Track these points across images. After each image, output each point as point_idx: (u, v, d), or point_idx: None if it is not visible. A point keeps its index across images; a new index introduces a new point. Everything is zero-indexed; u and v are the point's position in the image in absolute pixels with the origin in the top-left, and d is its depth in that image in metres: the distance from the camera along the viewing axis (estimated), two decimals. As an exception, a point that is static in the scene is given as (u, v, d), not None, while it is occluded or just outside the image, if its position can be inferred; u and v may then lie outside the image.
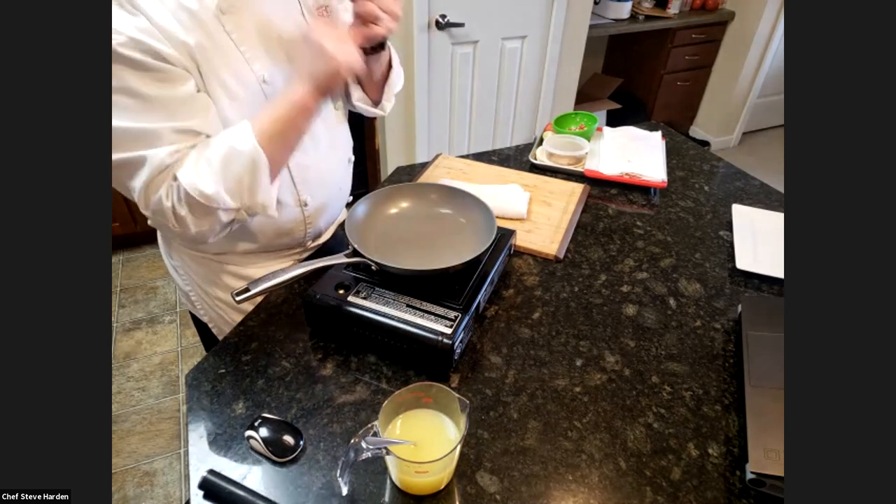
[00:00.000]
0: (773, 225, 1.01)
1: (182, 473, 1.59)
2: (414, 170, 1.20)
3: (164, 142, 0.65)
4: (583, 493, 0.60)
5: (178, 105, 0.66)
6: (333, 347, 0.76)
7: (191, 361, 1.93)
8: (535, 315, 0.83)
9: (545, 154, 1.24)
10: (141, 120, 0.63)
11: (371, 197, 0.85)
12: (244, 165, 0.68)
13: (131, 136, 0.64)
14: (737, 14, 2.95)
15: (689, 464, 0.63)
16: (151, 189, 0.67)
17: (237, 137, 0.68)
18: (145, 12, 0.62)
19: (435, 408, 0.61)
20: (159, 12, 0.63)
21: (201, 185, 0.66)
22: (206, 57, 0.68)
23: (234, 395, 0.70)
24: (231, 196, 0.69)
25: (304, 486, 0.60)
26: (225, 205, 0.69)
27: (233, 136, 0.69)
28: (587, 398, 0.70)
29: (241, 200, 0.70)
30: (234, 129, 0.69)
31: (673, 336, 0.80)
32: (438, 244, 0.82)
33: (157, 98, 0.63)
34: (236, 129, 0.69)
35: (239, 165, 0.68)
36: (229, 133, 0.69)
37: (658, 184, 1.12)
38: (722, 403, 0.70)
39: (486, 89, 2.32)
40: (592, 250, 0.97)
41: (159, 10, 0.63)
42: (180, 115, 0.66)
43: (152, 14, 0.63)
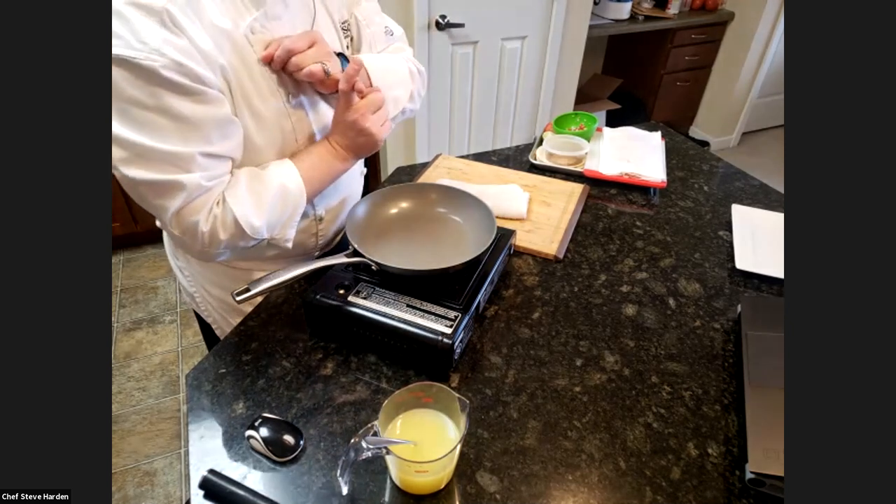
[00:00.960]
0: (773, 225, 1.01)
1: (182, 473, 1.59)
2: (414, 170, 1.20)
3: (196, 167, 0.65)
4: (583, 492, 0.60)
5: (213, 128, 0.65)
6: (333, 347, 0.76)
7: (191, 361, 1.93)
8: (534, 315, 0.83)
9: (545, 154, 1.24)
10: (175, 142, 0.63)
11: (371, 197, 0.85)
12: (291, 205, 0.75)
13: (165, 157, 0.63)
14: (737, 14, 2.95)
15: (688, 464, 0.63)
16: (187, 213, 0.67)
17: (287, 177, 0.74)
18: (188, 34, 0.60)
19: (435, 408, 0.61)
20: (199, 34, 0.62)
21: (252, 219, 0.71)
22: (237, 77, 0.68)
23: (234, 395, 0.70)
24: (268, 229, 0.74)
25: (305, 486, 0.60)
26: (261, 235, 0.73)
27: (283, 175, 0.74)
28: (587, 398, 0.70)
29: (272, 233, 0.75)
30: (283, 169, 0.75)
31: (673, 336, 0.80)
32: (438, 244, 0.82)
33: (193, 119, 0.63)
34: (284, 168, 0.75)
35: (287, 204, 0.74)
36: (278, 171, 0.74)
37: (658, 184, 1.12)
38: (722, 403, 0.70)
39: (486, 89, 2.32)
40: (592, 250, 0.97)
41: (198, 32, 0.62)
42: (214, 139, 0.66)
43: (194, 35, 0.61)
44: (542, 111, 2.50)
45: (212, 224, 0.69)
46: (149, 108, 0.60)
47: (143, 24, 0.57)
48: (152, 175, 0.63)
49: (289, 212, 0.75)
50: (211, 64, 0.64)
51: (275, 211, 0.73)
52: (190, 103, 0.62)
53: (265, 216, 0.72)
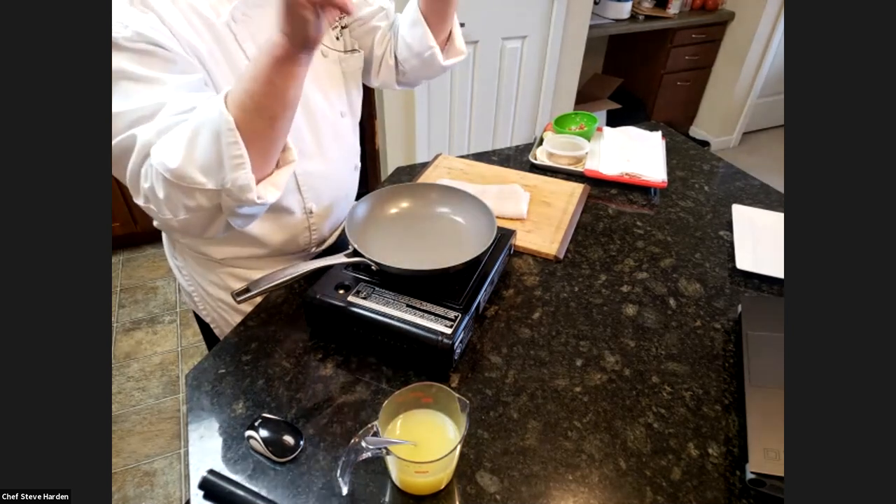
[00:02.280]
0: (773, 225, 1.01)
1: (182, 473, 1.59)
2: (414, 170, 1.20)
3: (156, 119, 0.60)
4: (583, 493, 0.60)
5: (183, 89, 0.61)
6: (333, 347, 0.76)
7: (191, 361, 1.93)
8: (535, 315, 0.83)
9: (545, 154, 1.24)
10: (141, 100, 0.59)
11: (371, 197, 0.85)
12: (210, 134, 0.57)
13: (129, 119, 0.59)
14: (737, 14, 2.95)
15: (689, 464, 0.63)
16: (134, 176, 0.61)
17: (207, 107, 0.58)
18: (157, 12, 0.62)
19: (435, 408, 0.61)
20: (171, 13, 0.63)
21: (167, 160, 0.57)
22: (216, 65, 0.68)
23: (234, 395, 0.70)
24: (203, 173, 0.59)
25: (304, 486, 0.60)
26: (199, 184, 0.59)
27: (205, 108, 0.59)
28: (587, 398, 0.70)
29: (216, 179, 0.59)
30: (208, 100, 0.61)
31: (673, 336, 0.80)
32: (438, 244, 0.82)
33: (161, 79, 0.60)
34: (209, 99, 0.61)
35: (205, 136, 0.57)
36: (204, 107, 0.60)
37: (658, 184, 1.12)
38: (722, 403, 0.70)
39: (486, 89, 2.32)
40: (592, 250, 0.97)
41: (171, 11, 0.63)
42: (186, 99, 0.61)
43: (164, 14, 0.62)
44: (543, 111, 2.50)
45: (151, 180, 0.60)
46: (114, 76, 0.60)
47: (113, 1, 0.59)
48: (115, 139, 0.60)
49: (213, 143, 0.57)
50: (181, 42, 0.64)
51: (197, 148, 0.58)
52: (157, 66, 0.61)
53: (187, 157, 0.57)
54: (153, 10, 0.62)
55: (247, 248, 0.88)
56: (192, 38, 0.64)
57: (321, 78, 0.83)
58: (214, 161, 0.58)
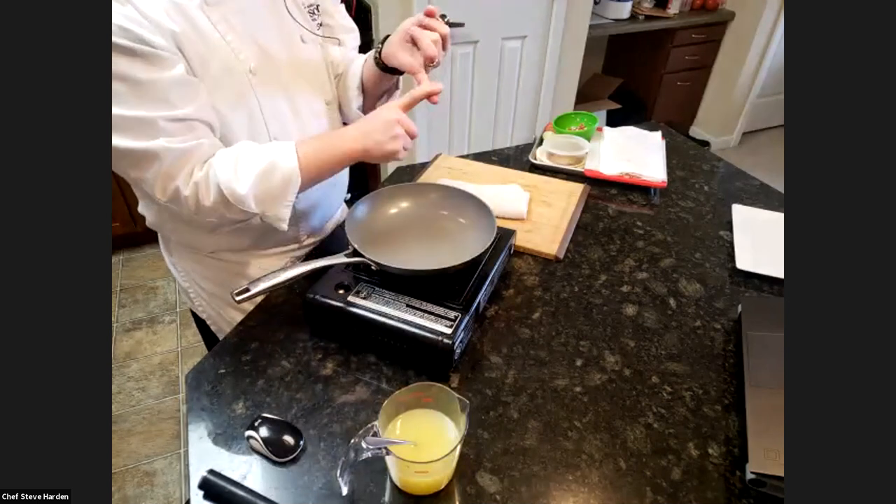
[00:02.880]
0: (773, 225, 1.01)
1: (182, 473, 1.59)
2: (414, 170, 1.20)
3: (161, 133, 0.66)
4: (583, 493, 0.60)
5: (170, 88, 0.66)
6: (333, 347, 0.76)
7: (191, 361, 1.93)
8: (535, 315, 0.83)
9: (545, 154, 1.24)
10: (134, 107, 0.64)
11: (371, 197, 0.85)
12: (280, 181, 0.71)
13: (130, 124, 0.64)
14: (737, 14, 2.95)
15: (689, 464, 0.63)
16: (165, 179, 0.69)
17: (281, 153, 0.72)
18: (133, 2, 0.63)
19: (435, 408, 0.61)
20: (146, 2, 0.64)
21: (236, 187, 0.69)
22: (192, 46, 0.69)
23: (234, 395, 0.70)
24: (256, 203, 0.72)
25: (304, 486, 0.60)
26: (248, 208, 0.72)
27: (278, 151, 0.72)
28: (587, 398, 0.70)
29: (263, 209, 0.73)
30: (281, 146, 0.73)
31: (673, 336, 0.80)
32: (438, 244, 0.82)
33: (148, 82, 0.64)
34: (283, 146, 0.73)
35: (276, 180, 0.71)
36: (275, 148, 0.73)
37: (658, 184, 1.12)
38: (722, 403, 0.70)
39: (486, 89, 2.32)
40: (592, 250, 0.97)
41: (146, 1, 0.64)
42: (174, 101, 0.66)
43: (139, 4, 0.63)
44: (543, 111, 2.50)
45: (193, 189, 0.70)
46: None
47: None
48: (125, 143, 0.64)
49: (279, 189, 0.72)
50: (161, 30, 0.65)
51: (262, 184, 0.71)
52: (142, 68, 0.63)
53: (250, 188, 0.70)
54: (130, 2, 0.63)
55: (235, 238, 0.88)
56: (165, 21, 0.66)
57: (304, 66, 0.84)
58: (270, 199, 0.72)
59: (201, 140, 0.70)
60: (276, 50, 0.78)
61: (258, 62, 0.76)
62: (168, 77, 0.65)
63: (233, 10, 0.72)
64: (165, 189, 0.70)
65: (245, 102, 0.76)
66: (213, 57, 0.71)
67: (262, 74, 0.76)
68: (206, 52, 0.70)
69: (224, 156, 0.71)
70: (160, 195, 0.70)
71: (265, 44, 0.77)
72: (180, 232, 0.91)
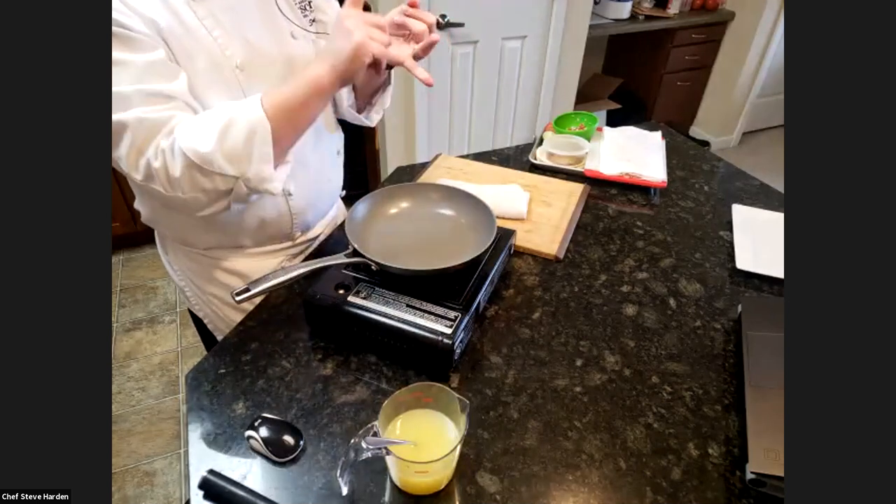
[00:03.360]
0: (773, 225, 1.01)
1: (182, 473, 1.59)
2: (414, 170, 1.20)
3: (135, 105, 0.64)
4: (583, 493, 0.60)
5: (146, 68, 0.65)
6: (333, 347, 0.76)
7: (191, 361, 1.93)
8: (535, 315, 0.83)
9: (545, 154, 1.24)
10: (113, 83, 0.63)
11: (371, 197, 0.85)
12: (244, 131, 0.66)
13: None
14: (737, 14, 2.95)
15: (689, 464, 0.63)
16: (136, 152, 0.66)
17: (243, 105, 0.67)
18: None
19: (435, 408, 0.61)
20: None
21: (198, 145, 0.64)
22: (178, 41, 0.69)
23: (234, 395, 0.70)
24: (229, 161, 0.66)
25: (304, 486, 0.60)
26: (221, 170, 0.66)
27: (240, 104, 0.68)
28: (587, 398, 0.70)
29: (239, 168, 0.67)
30: (244, 100, 0.68)
31: (673, 336, 0.80)
32: (438, 244, 0.82)
33: (123, 61, 0.63)
34: (246, 99, 0.68)
35: (239, 131, 0.66)
36: (238, 102, 0.68)
37: (658, 184, 1.12)
38: (722, 403, 0.70)
39: (486, 89, 2.32)
40: (592, 250, 0.97)
41: None
42: (149, 78, 0.65)
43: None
44: (543, 111, 2.50)
45: (161, 160, 0.66)
46: None
47: None
48: None
49: (250, 141, 0.66)
50: (142, 18, 0.65)
51: (229, 139, 0.65)
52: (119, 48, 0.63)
53: (215, 144, 0.65)
54: None
55: (229, 235, 0.88)
56: (150, 13, 0.66)
57: (294, 63, 0.83)
58: (243, 153, 0.66)
59: (173, 112, 0.67)
60: (266, 46, 0.78)
61: (245, 58, 0.75)
62: (145, 58, 0.65)
63: (221, 6, 0.72)
64: (138, 164, 0.67)
65: (232, 98, 0.74)
66: (200, 52, 0.71)
67: (250, 70, 0.76)
68: (193, 47, 0.70)
69: (186, 120, 0.67)
70: (134, 172, 0.68)
71: (254, 40, 0.76)
72: (174, 227, 0.90)
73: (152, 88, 0.65)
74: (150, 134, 0.66)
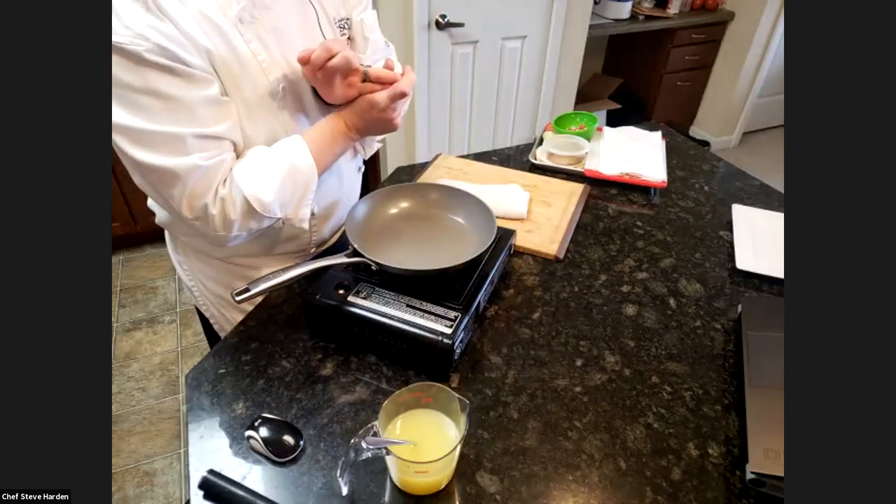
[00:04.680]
0: (773, 225, 1.01)
1: (182, 473, 1.59)
2: (414, 170, 1.20)
3: (190, 149, 0.65)
4: (583, 493, 0.60)
5: (202, 107, 0.65)
6: (333, 347, 0.76)
7: (191, 361, 1.93)
8: (535, 315, 0.83)
9: (545, 154, 1.24)
10: (167, 123, 0.63)
11: (371, 197, 0.85)
12: (302, 182, 0.74)
13: (161, 139, 0.64)
14: (737, 14, 2.95)
15: (689, 464, 0.63)
16: (193, 197, 0.68)
17: (296, 154, 0.73)
18: (172, 18, 0.61)
19: (435, 408, 0.61)
20: (184, 18, 0.63)
21: (262, 195, 0.70)
22: (225, 67, 0.68)
23: (234, 395, 0.70)
24: (281, 207, 0.73)
25: (304, 486, 0.60)
26: (273, 214, 0.73)
27: (291, 151, 0.73)
28: (587, 398, 0.70)
29: (286, 211, 0.75)
30: (291, 145, 0.74)
31: (673, 336, 0.80)
32: (438, 244, 0.82)
33: (182, 99, 0.63)
34: (292, 144, 0.74)
35: (297, 182, 0.73)
36: (286, 148, 0.74)
37: (658, 184, 1.12)
38: (722, 403, 0.70)
39: (486, 89, 2.31)
40: (592, 250, 0.97)
41: (184, 16, 0.63)
42: (205, 119, 0.66)
43: (178, 20, 0.62)
44: (543, 111, 2.50)
45: (220, 206, 0.69)
46: (138, 91, 0.61)
47: (128, 9, 0.59)
48: (155, 159, 0.64)
49: (300, 190, 0.74)
50: (197, 48, 0.64)
51: (285, 188, 0.72)
52: (177, 85, 0.63)
53: (275, 193, 0.71)
54: (168, 18, 0.61)
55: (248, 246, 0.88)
56: (202, 39, 0.65)
57: None
58: (293, 199, 0.75)
59: (224, 156, 0.70)
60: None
61: (287, 82, 0.75)
62: (202, 96, 0.65)
63: (266, 27, 0.71)
64: (193, 207, 0.69)
65: (269, 122, 0.75)
66: (245, 79, 0.70)
67: (291, 94, 0.76)
68: (239, 75, 0.70)
69: (243, 167, 0.71)
70: (187, 213, 0.69)
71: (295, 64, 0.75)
72: (192, 237, 0.91)
73: (207, 132, 0.66)
74: (206, 181, 0.68)
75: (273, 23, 0.72)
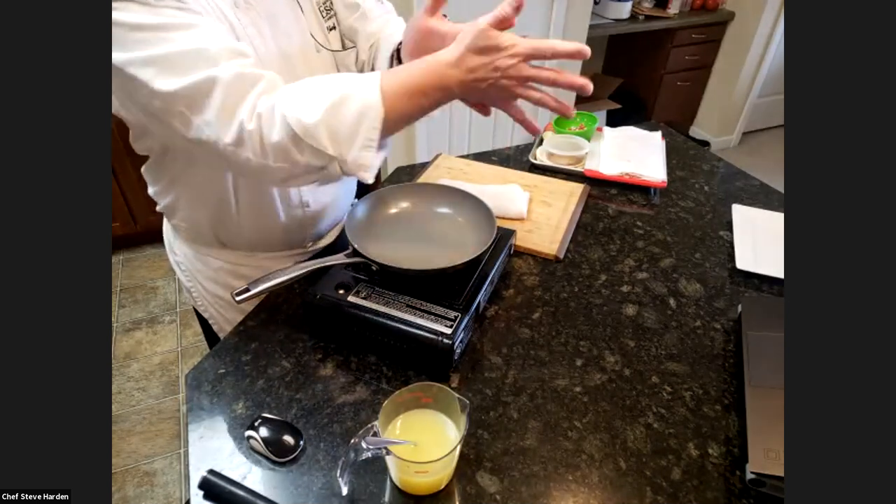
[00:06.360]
0: (773, 225, 1.01)
1: (182, 473, 1.59)
2: (414, 170, 1.20)
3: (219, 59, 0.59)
4: (583, 493, 0.60)
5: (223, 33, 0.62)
6: (333, 347, 0.76)
7: (191, 361, 1.93)
8: (535, 315, 0.83)
9: (545, 154, 1.24)
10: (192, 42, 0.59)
11: (371, 197, 0.85)
12: (355, 112, 0.61)
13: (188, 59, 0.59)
14: (737, 14, 2.95)
15: (689, 464, 0.63)
16: (229, 110, 0.60)
17: (360, 82, 0.62)
18: None
19: (435, 408, 0.61)
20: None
21: (303, 116, 0.60)
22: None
23: (234, 395, 0.70)
24: (331, 140, 0.61)
25: (304, 486, 0.60)
26: (320, 146, 0.61)
27: (356, 79, 0.63)
28: (587, 398, 0.70)
29: (339, 150, 0.62)
30: (359, 75, 0.64)
31: (673, 336, 0.80)
32: (438, 244, 0.82)
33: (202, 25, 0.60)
34: (362, 75, 0.64)
35: (350, 110, 0.61)
36: (352, 76, 0.64)
37: (658, 184, 1.12)
38: (722, 403, 0.70)
39: (486, 89, 2.31)
40: (592, 250, 0.97)
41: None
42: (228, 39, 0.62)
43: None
44: (543, 111, 2.49)
45: (257, 123, 0.61)
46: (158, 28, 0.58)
47: None
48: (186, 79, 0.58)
49: (358, 121, 0.61)
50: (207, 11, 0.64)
51: (337, 115, 0.60)
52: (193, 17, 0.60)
53: (321, 116, 0.60)
54: None
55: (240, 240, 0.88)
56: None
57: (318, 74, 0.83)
58: (348, 134, 0.61)
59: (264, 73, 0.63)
60: (296, 58, 0.78)
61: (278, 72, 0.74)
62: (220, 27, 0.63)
63: (261, 13, 0.71)
64: (230, 125, 0.61)
65: None
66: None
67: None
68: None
69: (290, 87, 0.63)
70: (225, 135, 0.61)
71: (287, 50, 0.75)
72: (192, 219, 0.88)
73: (234, 46, 0.61)
74: (243, 91, 0.61)
75: (268, 9, 0.72)
